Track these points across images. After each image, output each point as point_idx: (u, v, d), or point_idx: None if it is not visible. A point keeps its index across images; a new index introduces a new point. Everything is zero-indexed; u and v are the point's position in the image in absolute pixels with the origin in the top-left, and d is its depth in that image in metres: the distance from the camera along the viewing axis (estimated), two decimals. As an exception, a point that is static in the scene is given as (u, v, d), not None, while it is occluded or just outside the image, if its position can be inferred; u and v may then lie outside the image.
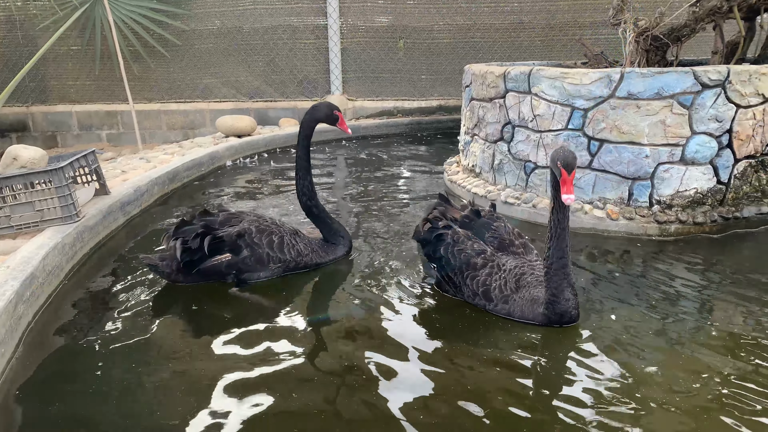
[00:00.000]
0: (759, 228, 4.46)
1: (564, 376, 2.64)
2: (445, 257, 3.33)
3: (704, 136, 4.35)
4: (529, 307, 3.06)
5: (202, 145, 8.06)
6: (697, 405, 2.39)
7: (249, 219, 3.81)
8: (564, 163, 2.75)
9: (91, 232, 4.34)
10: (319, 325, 3.19)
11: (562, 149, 2.84)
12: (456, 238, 3.36)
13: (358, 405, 2.46)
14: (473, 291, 3.21)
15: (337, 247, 4.01)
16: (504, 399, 2.47)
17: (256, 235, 3.66)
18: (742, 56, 5.56)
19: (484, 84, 5.42)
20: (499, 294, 3.13)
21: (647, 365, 2.69)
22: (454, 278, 3.31)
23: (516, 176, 5.15)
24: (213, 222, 3.71)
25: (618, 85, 4.40)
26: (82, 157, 4.63)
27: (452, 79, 10.49)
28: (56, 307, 3.44)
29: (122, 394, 2.57)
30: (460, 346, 2.90)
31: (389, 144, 9.04)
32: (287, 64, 10.49)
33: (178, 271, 3.57)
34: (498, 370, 2.69)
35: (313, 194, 3.99)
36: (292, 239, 3.82)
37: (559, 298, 2.94)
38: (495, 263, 3.24)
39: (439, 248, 3.38)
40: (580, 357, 2.77)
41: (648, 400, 2.42)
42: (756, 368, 2.65)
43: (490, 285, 3.16)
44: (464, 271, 3.25)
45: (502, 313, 3.12)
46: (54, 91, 10.51)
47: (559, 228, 2.95)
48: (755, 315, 3.15)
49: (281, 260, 3.71)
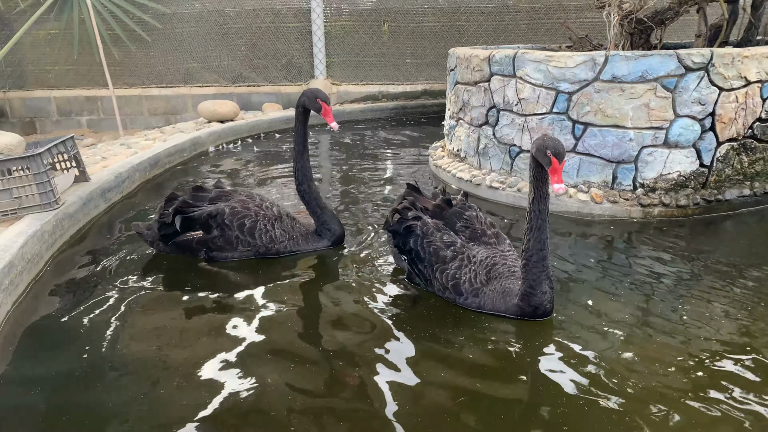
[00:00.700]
0: (741, 210, 4.50)
1: (538, 368, 2.61)
2: (414, 250, 3.27)
3: (687, 119, 4.36)
4: (501, 300, 2.99)
5: (184, 131, 7.96)
6: (674, 389, 2.42)
7: (236, 199, 3.85)
8: (555, 151, 2.67)
9: (71, 220, 4.27)
10: (281, 310, 3.18)
11: (548, 138, 2.75)
12: (426, 230, 3.28)
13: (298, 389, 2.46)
14: (443, 285, 3.15)
15: (320, 239, 3.92)
16: (477, 392, 2.48)
17: (228, 216, 3.72)
18: (725, 39, 5.57)
19: (469, 68, 5.39)
20: (469, 287, 3.07)
21: (624, 352, 2.70)
22: (424, 271, 3.25)
23: (501, 160, 5.14)
24: (203, 198, 3.85)
25: (602, 69, 4.39)
26: (61, 143, 4.55)
27: (437, 63, 10.42)
28: (36, 296, 3.39)
29: (104, 380, 2.54)
30: (430, 340, 2.84)
31: (374, 128, 8.99)
32: (270, 49, 10.36)
33: (159, 240, 3.81)
34: (468, 364, 2.66)
35: (304, 179, 3.86)
36: (268, 224, 3.79)
37: (536, 290, 2.88)
38: (465, 255, 3.16)
39: (409, 240, 3.30)
40: (556, 347, 2.76)
41: (626, 389, 2.44)
42: (733, 351, 2.68)
43: (459, 278, 3.09)
44: (434, 264, 3.18)
45: (473, 307, 3.06)
46: (32, 77, 10.28)
47: (539, 219, 2.84)
48: (734, 297, 3.19)
49: (251, 244, 3.75)
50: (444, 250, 3.19)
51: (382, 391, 2.44)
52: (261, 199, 3.96)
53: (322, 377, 2.56)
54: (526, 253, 2.90)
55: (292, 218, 3.96)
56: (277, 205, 3.99)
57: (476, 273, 3.09)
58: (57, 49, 10.03)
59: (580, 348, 2.72)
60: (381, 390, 2.44)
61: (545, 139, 2.74)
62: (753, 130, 4.55)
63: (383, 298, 3.26)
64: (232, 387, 2.48)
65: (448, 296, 3.15)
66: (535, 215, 2.86)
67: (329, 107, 3.64)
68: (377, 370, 2.58)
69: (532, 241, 2.87)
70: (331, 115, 3.63)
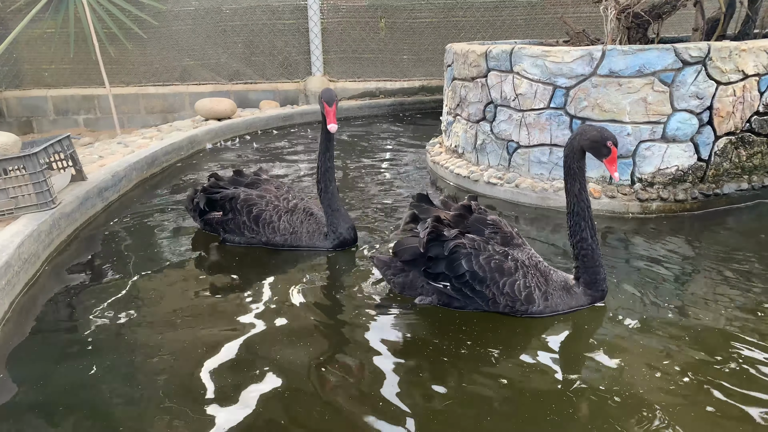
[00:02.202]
0: (739, 204, 4.49)
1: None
2: (470, 271, 2.90)
3: (685, 114, 4.35)
4: (567, 296, 2.97)
5: (181, 129, 7.94)
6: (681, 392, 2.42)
7: (262, 187, 4.07)
8: (615, 141, 2.81)
9: (68, 219, 4.26)
10: (263, 308, 3.18)
11: (602, 129, 2.86)
12: (477, 245, 2.96)
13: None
14: (513, 298, 2.90)
15: (325, 239, 3.87)
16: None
17: (240, 202, 3.92)
18: (722, 33, 5.56)
19: (466, 63, 5.37)
20: (540, 293, 2.94)
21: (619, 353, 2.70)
22: (485, 291, 2.92)
23: (499, 156, 5.13)
24: (240, 182, 4.14)
25: (599, 63, 4.38)
26: (57, 142, 4.53)
27: (435, 59, 10.39)
28: (33, 296, 3.38)
29: (102, 381, 2.54)
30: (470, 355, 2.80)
31: (372, 125, 8.97)
32: (267, 46, 10.33)
33: (195, 213, 4.20)
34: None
35: (322, 178, 3.77)
36: (275, 215, 3.86)
37: (600, 275, 2.97)
38: (520, 262, 2.98)
39: (460, 262, 2.91)
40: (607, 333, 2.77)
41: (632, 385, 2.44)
42: (727, 350, 2.68)
43: (530, 286, 2.92)
44: (498, 280, 2.90)
45: (547, 312, 2.94)
46: (28, 75, 10.24)
47: (587, 208, 2.96)
48: (733, 293, 3.18)
49: (254, 231, 3.91)
50: (506, 262, 2.94)
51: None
52: (288, 190, 4.11)
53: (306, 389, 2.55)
54: (584, 242, 2.95)
55: (309, 214, 3.92)
56: (302, 199, 4.03)
57: (536, 277, 2.98)
58: (53, 48, 9.99)
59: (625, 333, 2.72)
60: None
61: (601, 130, 2.86)
62: (751, 123, 4.54)
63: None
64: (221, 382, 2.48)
65: (519, 308, 2.92)
66: (585, 204, 2.95)
67: (330, 108, 3.49)
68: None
69: (586, 230, 2.94)
70: (332, 116, 3.50)
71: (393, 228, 4.18)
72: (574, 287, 3.01)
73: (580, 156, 2.92)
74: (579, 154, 2.91)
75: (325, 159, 3.76)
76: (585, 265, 2.98)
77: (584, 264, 2.98)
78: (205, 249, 4.02)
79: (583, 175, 2.96)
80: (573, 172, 2.95)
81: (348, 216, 3.94)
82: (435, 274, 2.99)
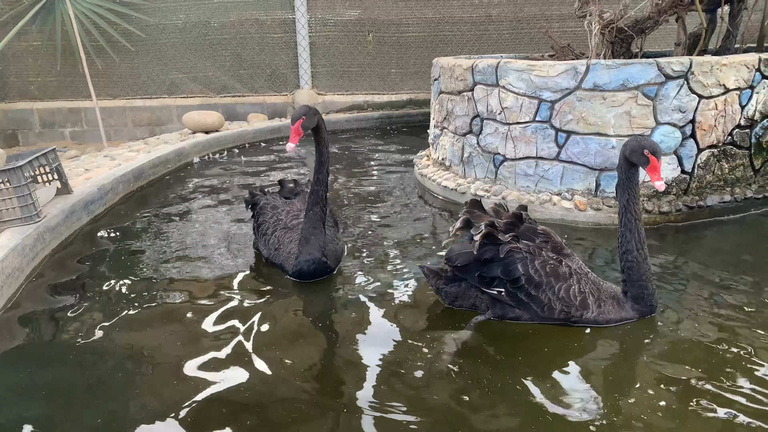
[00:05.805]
0: (722, 217, 4.55)
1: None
2: (526, 275, 2.88)
3: (668, 127, 4.41)
4: (618, 307, 2.98)
5: (168, 142, 7.92)
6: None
7: (298, 201, 4.10)
8: (652, 150, 2.79)
9: (53, 233, 4.23)
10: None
11: (642, 138, 2.87)
12: (531, 250, 2.96)
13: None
14: (568, 303, 2.89)
15: (292, 260, 3.63)
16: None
17: (259, 208, 4.04)
18: (704, 48, 5.66)
19: (453, 77, 5.42)
20: (594, 300, 2.93)
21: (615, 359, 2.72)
22: (541, 297, 2.90)
23: (485, 169, 5.16)
24: (293, 192, 4.26)
25: (584, 77, 4.43)
26: (42, 155, 4.50)
27: (422, 73, 10.47)
28: (16, 311, 3.34)
29: (86, 398, 2.51)
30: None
31: (360, 138, 9.00)
32: (255, 59, 10.35)
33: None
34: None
35: (309, 196, 3.59)
36: (271, 229, 3.85)
37: (649, 289, 2.96)
38: (573, 269, 2.99)
39: (516, 265, 2.89)
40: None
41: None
42: (710, 363, 2.70)
43: (585, 292, 2.93)
44: (554, 285, 2.89)
45: (601, 320, 2.94)
46: (14, 88, 10.18)
47: (637, 220, 2.94)
48: (717, 305, 3.21)
49: (258, 240, 4.00)
50: (561, 267, 2.95)
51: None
52: (298, 204, 4.04)
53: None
54: (629, 254, 2.95)
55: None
56: (300, 219, 3.80)
57: (589, 283, 2.98)
58: (40, 61, 9.95)
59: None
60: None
61: (640, 139, 2.86)
62: (732, 136, 4.61)
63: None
64: (215, 390, 2.46)
65: (575, 314, 2.91)
66: (632, 216, 2.94)
67: (292, 126, 3.25)
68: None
69: (632, 242, 2.94)
70: (293, 134, 3.24)
71: (448, 233, 3.98)
72: (622, 299, 3.01)
73: (628, 166, 2.92)
74: (626, 165, 2.92)
75: (314, 180, 3.58)
76: (630, 279, 2.97)
77: (630, 277, 2.97)
78: (193, 265, 4.00)
79: (632, 186, 2.95)
80: (622, 183, 2.97)
81: (320, 246, 3.52)
82: (489, 280, 2.95)
